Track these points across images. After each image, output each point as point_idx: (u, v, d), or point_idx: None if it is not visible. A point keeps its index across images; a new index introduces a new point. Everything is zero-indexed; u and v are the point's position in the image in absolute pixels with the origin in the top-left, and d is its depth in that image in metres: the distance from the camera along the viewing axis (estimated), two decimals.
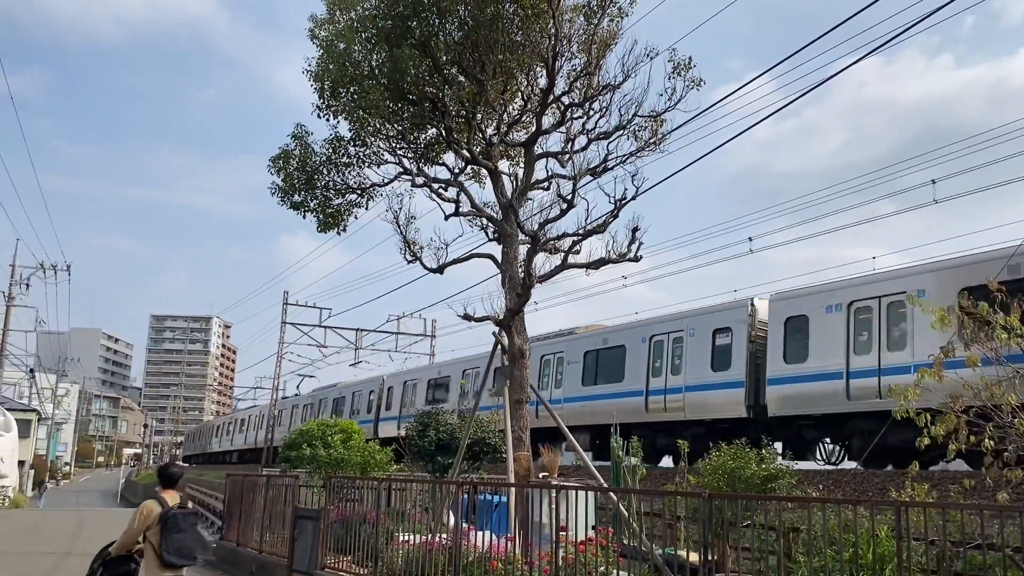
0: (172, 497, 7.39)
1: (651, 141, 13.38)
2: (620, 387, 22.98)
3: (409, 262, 14.04)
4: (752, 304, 20.16)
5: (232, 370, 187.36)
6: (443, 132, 14.13)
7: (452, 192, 14.43)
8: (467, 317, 13.21)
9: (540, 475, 12.42)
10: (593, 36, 13.01)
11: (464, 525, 9.85)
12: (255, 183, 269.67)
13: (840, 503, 7.76)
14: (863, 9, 9.90)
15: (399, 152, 15.11)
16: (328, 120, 14.91)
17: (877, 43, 10.18)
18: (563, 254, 13.05)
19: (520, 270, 13.04)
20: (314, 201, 15.36)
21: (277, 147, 15.35)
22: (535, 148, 13.80)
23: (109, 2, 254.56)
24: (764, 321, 19.66)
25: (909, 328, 15.87)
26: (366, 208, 15.83)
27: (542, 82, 13.37)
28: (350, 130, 15.01)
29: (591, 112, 13.40)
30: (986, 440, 7.28)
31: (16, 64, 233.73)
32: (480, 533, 9.72)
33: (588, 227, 12.86)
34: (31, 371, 56.28)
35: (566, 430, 13.23)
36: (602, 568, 8.39)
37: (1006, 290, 7.86)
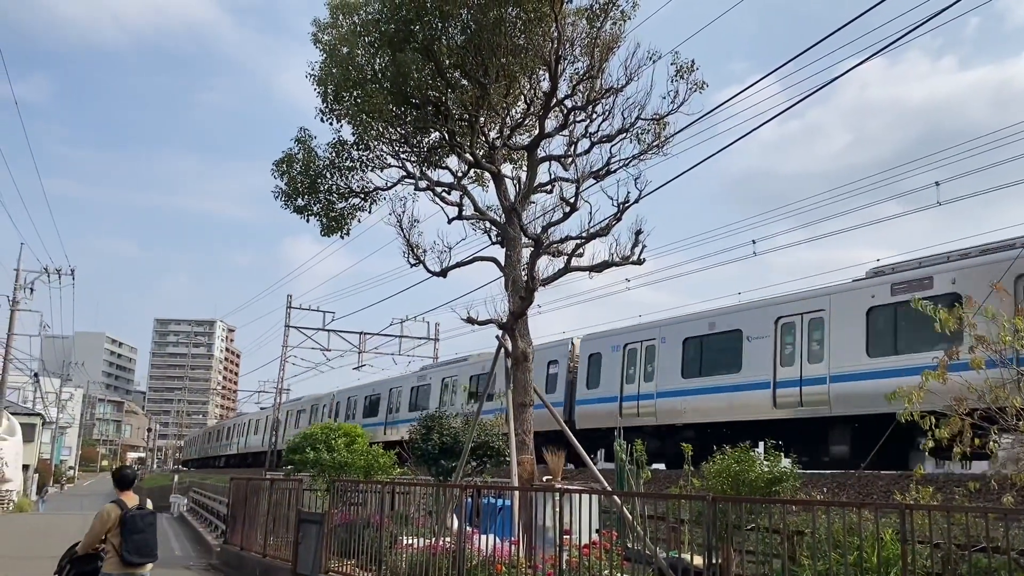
0: (130, 499, 7.69)
1: (654, 144, 13.40)
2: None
3: (412, 265, 14.06)
4: (572, 342, 25.89)
5: (236, 374, 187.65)
6: (446, 136, 14.15)
7: (455, 196, 14.46)
8: (470, 321, 13.21)
9: (544, 478, 12.40)
10: (596, 39, 13.02)
11: (468, 529, 9.85)
12: (258, 187, 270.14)
13: (844, 506, 7.74)
14: (867, 11, 9.90)
15: (402, 156, 15.14)
16: (331, 124, 14.96)
17: (881, 45, 10.18)
18: (566, 257, 13.05)
19: (523, 273, 13.05)
20: (317, 205, 15.40)
21: (280, 151, 15.41)
22: (538, 151, 13.82)
23: (113, 7, 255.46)
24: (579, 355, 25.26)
25: (657, 363, 21.71)
26: (369, 212, 15.87)
27: (545, 85, 13.39)
28: (353, 134, 15.05)
29: (594, 115, 13.42)
30: (991, 443, 7.27)
31: (24, 70, 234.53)
32: (484, 537, 9.71)
33: (591, 230, 12.86)
34: (35, 375, 56.37)
35: (569, 434, 13.22)
36: (606, 572, 8.37)
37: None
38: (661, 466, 19.47)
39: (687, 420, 20.35)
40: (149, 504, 7.95)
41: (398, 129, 14.65)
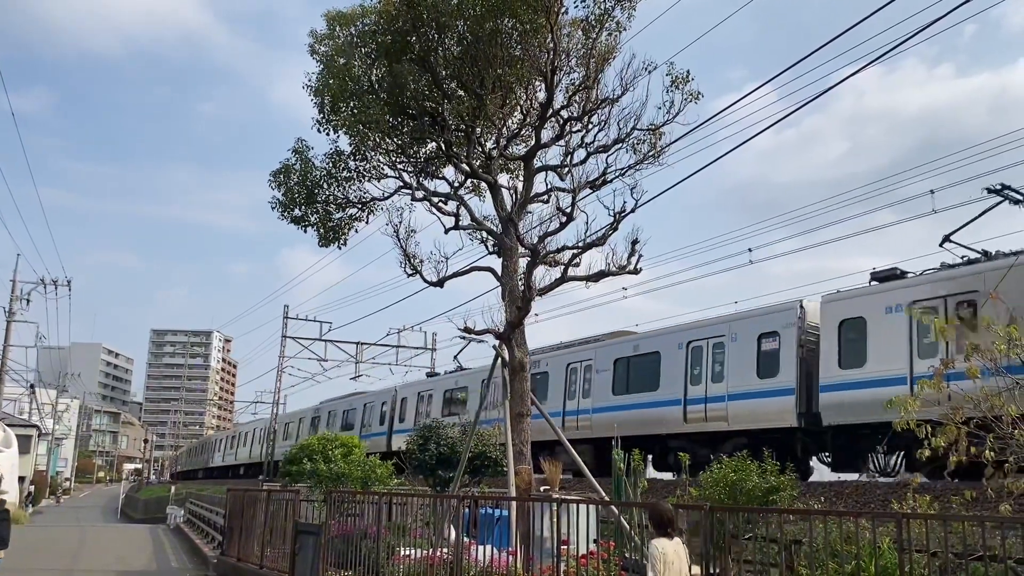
0: None
1: (650, 154, 13.45)
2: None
3: (409, 275, 14.09)
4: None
5: (233, 384, 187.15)
6: (443, 146, 14.20)
7: (452, 206, 14.50)
8: (467, 331, 13.24)
9: (541, 488, 12.39)
10: (591, 50, 13.09)
11: (465, 539, 9.83)
12: (256, 197, 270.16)
13: (842, 515, 7.74)
14: (862, 20, 9.96)
15: (399, 166, 15.18)
16: (328, 134, 15.01)
17: (877, 53, 10.23)
18: (563, 267, 13.09)
19: (520, 283, 13.07)
20: (315, 215, 15.42)
21: (278, 161, 15.43)
22: (534, 161, 13.86)
23: (109, 17, 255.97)
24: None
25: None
26: (366, 222, 15.90)
27: (541, 96, 13.45)
28: (350, 144, 15.09)
29: (590, 125, 13.48)
30: (987, 451, 7.28)
31: (22, 82, 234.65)
32: (481, 547, 9.69)
33: (588, 240, 12.90)
34: (31, 386, 56.21)
35: (567, 443, 13.22)
36: None
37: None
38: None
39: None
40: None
41: (395, 140, 14.69)
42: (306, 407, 48.71)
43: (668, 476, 20.95)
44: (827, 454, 18.25)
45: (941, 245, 16.45)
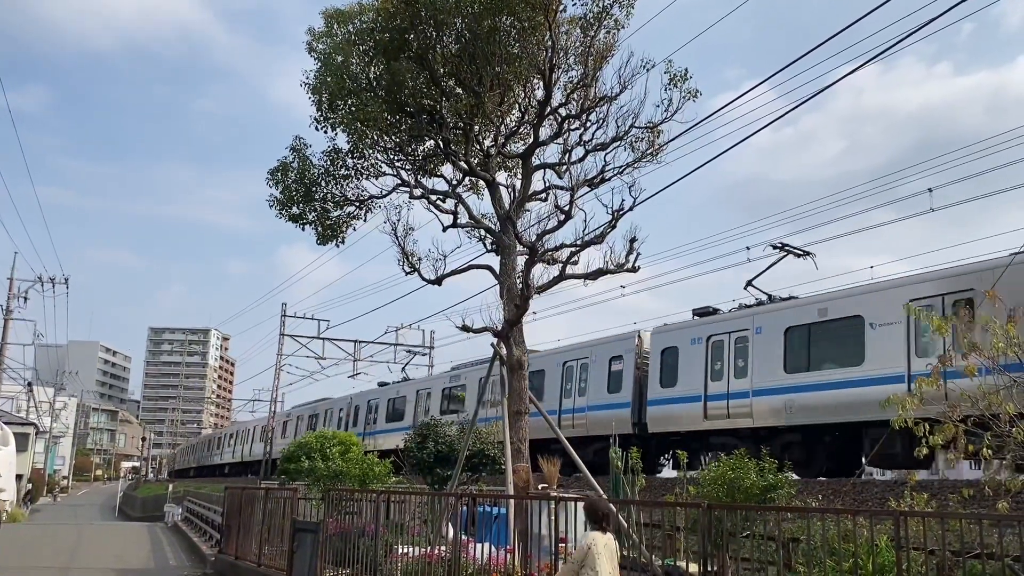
0: None
1: (648, 152, 13.45)
2: None
3: (407, 273, 14.09)
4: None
5: (231, 382, 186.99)
6: (441, 144, 14.18)
7: (450, 204, 14.49)
8: (466, 329, 13.23)
9: (539, 486, 12.40)
10: (590, 48, 13.08)
11: (463, 537, 9.84)
12: (254, 195, 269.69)
13: (840, 513, 7.76)
14: (860, 19, 9.96)
15: (397, 164, 15.16)
16: (326, 132, 14.96)
17: (875, 51, 10.24)
18: (561, 265, 13.08)
19: (518, 281, 13.07)
20: (312, 213, 15.39)
21: (276, 159, 15.41)
22: (532, 159, 13.85)
23: (105, 13, 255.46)
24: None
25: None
26: (364, 220, 15.87)
27: (539, 94, 13.43)
28: (348, 142, 15.06)
29: (588, 123, 13.47)
30: (984, 449, 7.29)
31: (20, 81, 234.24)
32: (479, 545, 9.70)
33: (586, 238, 12.90)
34: (29, 384, 56.16)
35: (566, 442, 13.22)
36: None
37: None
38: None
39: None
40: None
41: (393, 137, 14.67)
42: (279, 411, 50.64)
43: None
44: (666, 457, 21.66)
45: (745, 288, 20.53)
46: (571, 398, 24.05)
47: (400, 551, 10.56)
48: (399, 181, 15.09)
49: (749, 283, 20.46)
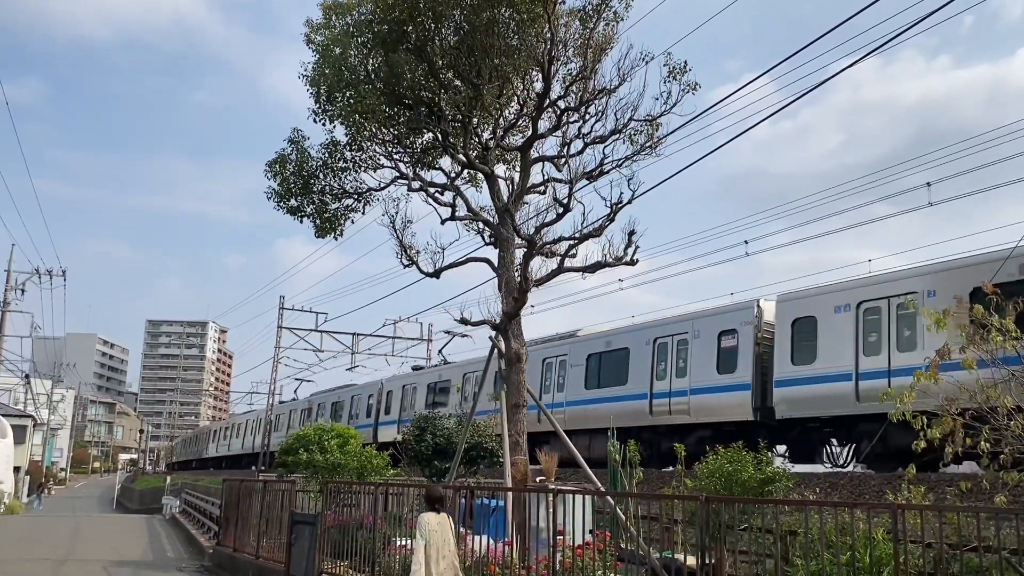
0: None
1: (647, 145, 13.43)
2: None
3: (406, 266, 14.06)
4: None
5: (228, 375, 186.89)
6: (439, 136, 14.15)
7: (448, 196, 14.45)
8: (464, 322, 13.22)
9: (537, 479, 12.41)
10: (589, 40, 13.04)
11: (461, 530, 9.84)
12: (251, 187, 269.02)
13: (837, 506, 7.77)
14: (860, 11, 9.93)
15: (395, 156, 15.13)
16: (324, 125, 14.93)
17: (875, 44, 10.21)
18: (559, 258, 13.07)
19: (516, 274, 13.05)
20: (311, 206, 15.37)
21: (273, 151, 15.38)
22: (531, 152, 13.82)
23: (101, 5, 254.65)
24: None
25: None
26: (363, 212, 15.85)
27: (538, 86, 13.39)
28: (346, 135, 15.03)
29: (587, 116, 13.44)
30: (982, 443, 7.29)
31: (16, 72, 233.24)
32: (477, 537, 9.70)
33: (584, 231, 12.88)
34: (26, 376, 56.05)
35: (563, 435, 13.23)
36: (600, 572, 8.39)
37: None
38: None
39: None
40: None
41: (391, 130, 14.64)
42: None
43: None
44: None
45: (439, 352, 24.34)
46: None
47: (398, 543, 10.57)
48: (397, 174, 15.06)
49: (439, 351, 22.83)
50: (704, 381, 19.90)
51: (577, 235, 12.98)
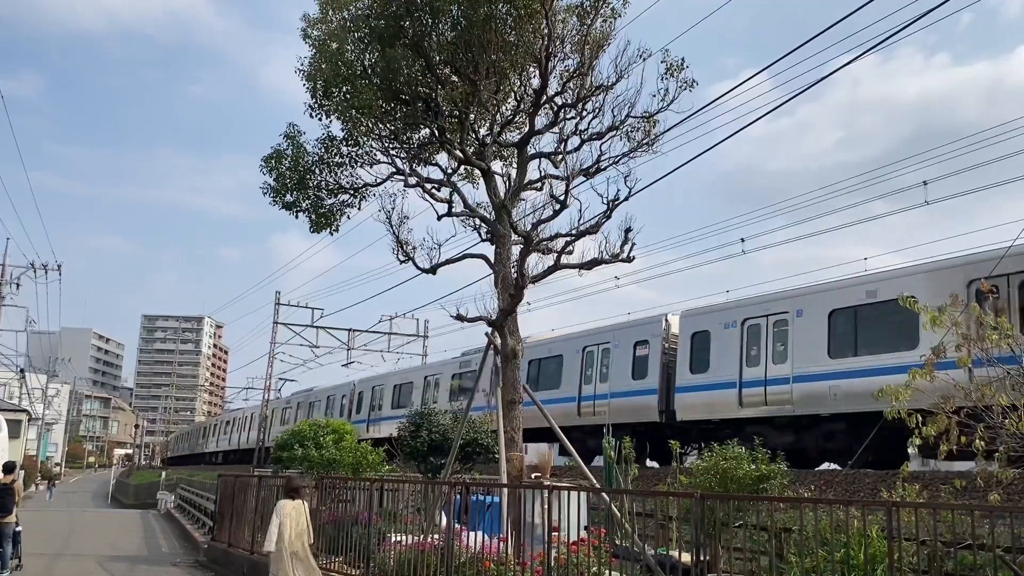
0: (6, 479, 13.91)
1: (644, 142, 13.39)
2: None
3: (402, 262, 14.02)
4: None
5: (224, 370, 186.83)
6: (436, 132, 14.11)
7: (445, 192, 14.42)
8: (460, 318, 13.19)
9: (532, 476, 12.41)
10: (586, 37, 13.01)
11: (456, 526, 9.85)
12: (247, 182, 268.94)
13: (832, 503, 7.77)
14: (860, 8, 9.91)
15: (392, 152, 15.08)
16: (320, 120, 14.85)
17: (873, 41, 10.20)
18: (556, 255, 13.04)
19: (513, 270, 13.03)
20: (306, 201, 15.30)
21: (269, 146, 15.31)
22: (528, 148, 13.80)
23: (102, 3, 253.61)
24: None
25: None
26: (359, 208, 15.77)
27: (535, 82, 13.37)
28: (342, 130, 14.96)
29: (584, 113, 13.41)
30: (977, 440, 7.31)
31: (11, 66, 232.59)
32: (472, 534, 9.71)
33: (581, 228, 12.86)
34: (21, 371, 55.98)
35: (559, 431, 13.23)
36: (594, 569, 8.39)
37: None
38: None
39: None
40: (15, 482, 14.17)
41: (388, 125, 14.59)
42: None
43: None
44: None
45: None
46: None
47: (393, 539, 10.58)
48: (394, 169, 15.01)
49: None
50: (622, 386, 22.17)
51: (574, 232, 12.96)
